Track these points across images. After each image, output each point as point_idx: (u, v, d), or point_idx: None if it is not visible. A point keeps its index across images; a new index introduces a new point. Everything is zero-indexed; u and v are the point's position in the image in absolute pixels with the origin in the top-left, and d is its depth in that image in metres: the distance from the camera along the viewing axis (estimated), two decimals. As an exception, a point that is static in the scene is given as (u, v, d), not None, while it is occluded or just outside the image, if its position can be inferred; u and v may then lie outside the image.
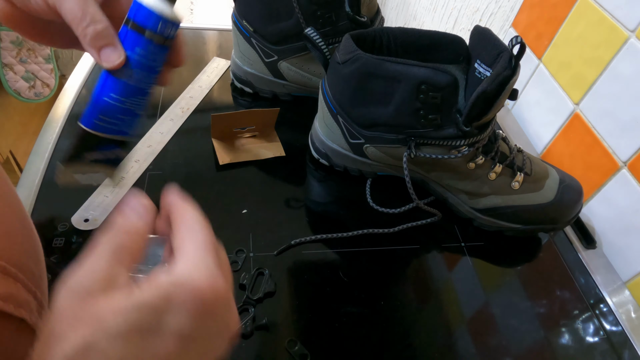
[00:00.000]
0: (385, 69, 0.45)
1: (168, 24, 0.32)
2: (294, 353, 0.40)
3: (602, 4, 0.54)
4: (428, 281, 0.47)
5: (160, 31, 0.32)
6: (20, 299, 0.24)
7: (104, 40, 0.30)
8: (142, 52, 0.32)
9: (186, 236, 0.25)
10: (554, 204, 0.50)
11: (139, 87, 0.33)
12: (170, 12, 0.32)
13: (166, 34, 0.32)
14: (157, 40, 0.32)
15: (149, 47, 0.32)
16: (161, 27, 0.31)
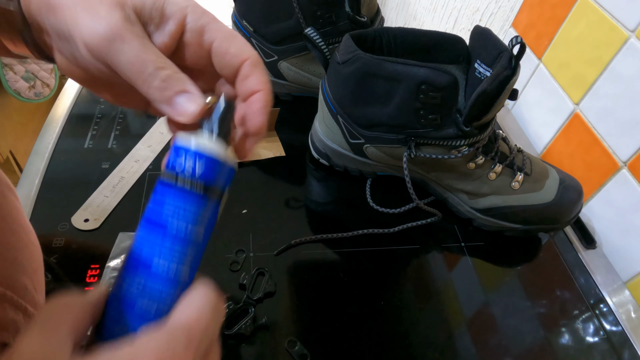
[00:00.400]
0: (385, 69, 0.45)
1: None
2: (294, 353, 0.40)
3: (602, 4, 0.54)
4: (428, 281, 0.47)
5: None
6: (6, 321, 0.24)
7: (174, 88, 0.25)
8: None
9: (182, 307, 0.23)
10: (554, 204, 0.50)
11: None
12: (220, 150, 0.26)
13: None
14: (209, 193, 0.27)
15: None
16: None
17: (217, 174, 0.27)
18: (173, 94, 0.25)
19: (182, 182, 0.26)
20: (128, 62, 0.24)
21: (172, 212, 0.26)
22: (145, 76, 0.24)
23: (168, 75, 0.25)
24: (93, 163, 0.53)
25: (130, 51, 0.24)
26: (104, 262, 0.43)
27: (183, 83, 0.25)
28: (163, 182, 0.26)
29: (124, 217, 0.48)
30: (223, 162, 0.27)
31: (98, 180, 0.51)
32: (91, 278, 0.42)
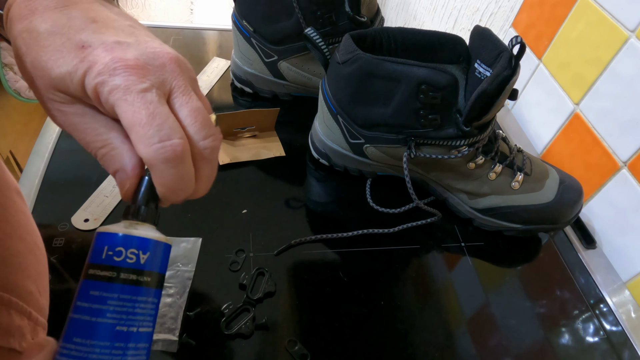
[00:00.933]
0: (385, 69, 0.45)
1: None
2: (294, 353, 0.40)
3: (602, 4, 0.54)
4: (428, 281, 0.47)
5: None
6: (12, 328, 0.24)
7: (111, 167, 0.27)
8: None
9: None
10: (554, 204, 0.50)
11: None
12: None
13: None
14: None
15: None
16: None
17: (163, 258, 0.28)
18: (112, 172, 0.27)
19: (127, 275, 0.26)
20: (80, 140, 0.26)
21: (121, 307, 0.25)
22: (92, 152, 0.27)
23: (103, 154, 0.26)
24: (93, 163, 0.53)
25: (75, 130, 0.26)
26: (104, 262, 0.43)
27: (118, 160, 0.26)
28: (98, 278, 0.26)
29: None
30: (164, 243, 0.28)
31: (98, 180, 0.51)
32: (91, 278, 0.42)
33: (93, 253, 0.27)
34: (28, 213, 0.30)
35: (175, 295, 0.41)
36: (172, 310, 0.40)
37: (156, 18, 1.72)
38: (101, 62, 0.25)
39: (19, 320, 0.25)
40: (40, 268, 0.29)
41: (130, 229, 0.27)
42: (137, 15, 1.69)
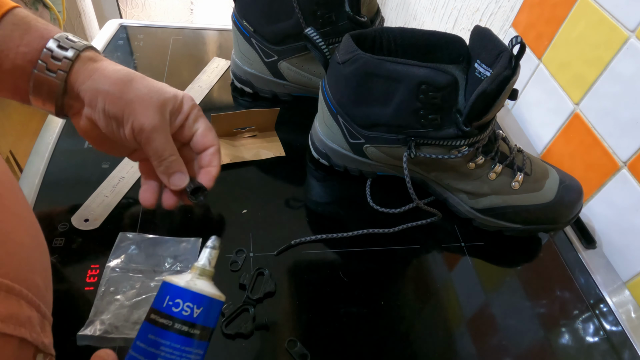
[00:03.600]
0: (385, 69, 0.45)
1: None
2: (294, 353, 0.40)
3: (602, 4, 0.54)
4: (428, 281, 0.47)
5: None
6: (22, 317, 0.24)
7: (174, 168, 0.41)
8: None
9: None
10: (554, 204, 0.50)
11: None
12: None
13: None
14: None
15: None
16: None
17: (214, 313, 0.32)
18: (173, 172, 0.41)
19: (180, 326, 0.30)
20: (156, 147, 0.39)
21: (170, 355, 0.29)
22: (160, 158, 0.40)
23: (173, 160, 0.41)
24: (93, 163, 0.53)
25: (160, 141, 0.39)
26: (104, 262, 0.43)
27: (180, 166, 0.41)
28: (156, 323, 0.30)
29: (124, 217, 0.48)
30: (217, 300, 0.32)
31: (98, 180, 0.51)
32: (91, 278, 0.42)
33: (157, 298, 0.31)
34: (30, 209, 0.31)
35: (175, 295, 0.41)
36: (172, 310, 0.40)
37: (156, 18, 1.72)
38: (186, 94, 0.43)
39: (28, 311, 0.25)
40: (45, 263, 0.29)
41: (191, 282, 0.31)
42: (137, 16, 1.69)
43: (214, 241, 0.35)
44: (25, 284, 0.25)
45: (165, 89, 0.40)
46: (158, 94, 0.39)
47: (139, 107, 0.38)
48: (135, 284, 0.41)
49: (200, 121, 0.43)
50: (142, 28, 0.80)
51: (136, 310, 0.39)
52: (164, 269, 0.43)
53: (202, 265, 0.33)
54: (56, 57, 0.37)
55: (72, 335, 0.37)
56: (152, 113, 0.38)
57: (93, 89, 0.38)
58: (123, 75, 0.38)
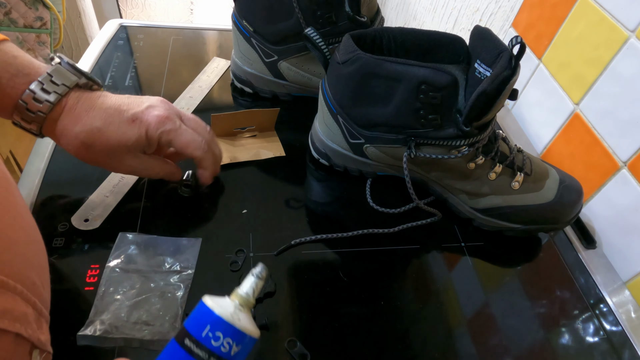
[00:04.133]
0: (385, 69, 0.45)
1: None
2: (294, 353, 0.40)
3: (602, 4, 0.54)
4: (428, 281, 0.47)
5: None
6: (17, 313, 0.24)
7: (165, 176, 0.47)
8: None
9: None
10: (554, 204, 0.50)
11: None
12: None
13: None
14: None
15: None
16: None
17: (247, 351, 0.31)
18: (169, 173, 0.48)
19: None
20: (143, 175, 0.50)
21: None
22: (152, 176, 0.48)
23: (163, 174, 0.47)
24: (93, 163, 0.53)
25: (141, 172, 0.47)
26: (104, 262, 0.43)
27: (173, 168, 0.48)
28: (191, 352, 0.28)
29: (124, 217, 0.48)
30: (255, 339, 0.31)
31: (98, 180, 0.51)
32: (91, 278, 0.42)
33: (194, 322, 0.30)
34: (27, 207, 0.31)
35: (175, 295, 0.41)
36: (172, 310, 0.40)
37: (156, 18, 1.72)
38: (152, 122, 0.42)
39: (24, 307, 0.25)
40: (41, 261, 0.29)
41: (235, 316, 0.30)
42: (137, 16, 1.69)
43: (262, 271, 0.33)
44: (21, 281, 0.25)
45: (127, 133, 0.41)
46: (120, 146, 0.41)
47: (110, 164, 0.43)
48: (135, 284, 0.41)
49: (173, 142, 0.44)
50: (142, 28, 0.80)
51: (136, 310, 0.39)
52: (164, 269, 0.43)
53: (245, 295, 0.32)
54: (38, 99, 0.39)
55: (72, 335, 0.37)
56: (120, 163, 0.43)
57: (63, 145, 0.42)
58: (84, 139, 0.40)
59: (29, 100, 0.38)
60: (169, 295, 0.41)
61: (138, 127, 0.41)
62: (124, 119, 0.41)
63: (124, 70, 0.69)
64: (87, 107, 0.40)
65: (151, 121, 0.42)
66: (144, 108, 0.42)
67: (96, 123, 0.40)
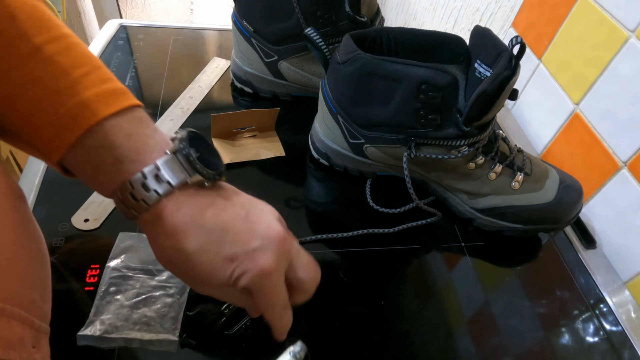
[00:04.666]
0: (385, 69, 0.45)
1: None
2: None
3: (602, 4, 0.54)
4: (428, 281, 0.47)
5: None
6: (12, 339, 0.24)
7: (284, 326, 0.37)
8: None
9: None
10: (554, 204, 0.50)
11: None
12: None
13: None
14: None
15: None
16: None
17: None
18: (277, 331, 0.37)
19: None
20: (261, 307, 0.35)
21: None
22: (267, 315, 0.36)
23: (283, 323, 0.37)
24: (93, 163, 0.53)
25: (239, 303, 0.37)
26: (104, 262, 0.43)
27: (288, 324, 0.37)
28: None
29: (124, 217, 0.48)
30: None
31: (98, 180, 0.51)
32: (91, 278, 0.42)
33: None
34: (32, 219, 0.30)
35: (175, 295, 0.41)
36: (172, 310, 0.40)
37: (156, 18, 1.72)
38: (249, 273, 0.32)
39: (20, 330, 0.25)
40: (44, 275, 0.29)
41: None
42: (137, 16, 1.69)
43: (300, 351, 0.31)
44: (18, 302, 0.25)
45: (216, 271, 0.32)
46: (203, 278, 0.32)
47: (185, 279, 0.34)
48: (135, 284, 0.41)
49: (257, 299, 0.34)
50: (142, 28, 0.80)
51: (136, 310, 0.39)
52: (163, 269, 0.43)
53: None
54: (135, 196, 0.31)
55: (72, 335, 0.37)
56: (197, 286, 0.34)
57: (150, 243, 0.33)
58: (169, 256, 0.33)
59: (126, 195, 0.31)
60: (169, 296, 0.41)
61: (232, 270, 0.32)
62: (222, 255, 0.32)
63: (124, 70, 0.69)
64: (188, 219, 0.32)
65: (249, 272, 0.32)
66: (250, 250, 0.33)
67: (189, 245, 0.31)
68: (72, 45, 0.30)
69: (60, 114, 0.28)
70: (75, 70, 0.29)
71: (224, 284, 0.32)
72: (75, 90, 0.29)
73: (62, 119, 0.29)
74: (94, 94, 0.29)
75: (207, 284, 0.33)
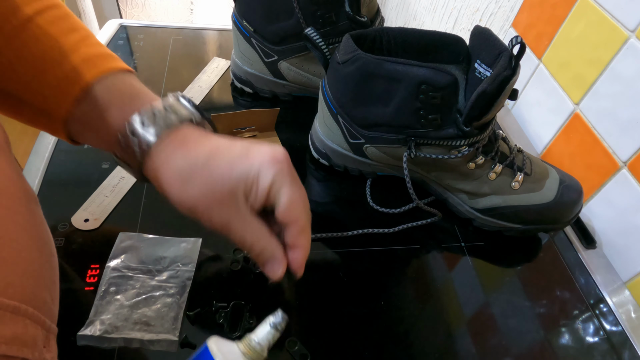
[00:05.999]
0: (385, 69, 0.45)
1: None
2: (294, 353, 0.40)
3: (602, 4, 0.54)
4: (428, 281, 0.47)
5: None
6: (26, 338, 0.25)
7: (264, 259, 0.35)
8: None
9: None
10: (554, 204, 0.50)
11: None
12: None
13: None
14: None
15: None
16: None
17: None
18: (263, 262, 0.35)
19: None
20: (236, 239, 0.34)
21: None
22: (247, 249, 0.35)
23: (259, 249, 0.34)
24: (93, 163, 0.53)
25: (236, 233, 0.34)
26: (104, 262, 0.43)
27: (269, 254, 0.35)
28: None
29: (124, 217, 0.48)
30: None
31: (98, 180, 0.51)
32: (91, 278, 0.42)
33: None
34: (44, 221, 0.31)
35: (175, 295, 0.41)
36: (172, 310, 0.40)
37: (156, 18, 1.72)
38: (266, 158, 0.34)
39: (33, 330, 0.25)
40: (54, 276, 0.30)
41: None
42: (137, 16, 1.69)
43: (280, 322, 0.30)
44: (32, 302, 0.25)
45: (233, 168, 0.33)
46: (222, 182, 0.33)
47: (205, 208, 0.34)
48: (135, 284, 0.41)
49: (282, 192, 0.34)
50: (142, 28, 0.80)
51: (136, 310, 0.39)
52: (164, 269, 0.43)
53: (257, 346, 0.29)
54: (138, 134, 0.34)
55: (72, 335, 0.37)
56: (219, 210, 0.34)
57: (160, 184, 0.35)
58: (182, 170, 0.34)
59: (129, 132, 0.34)
60: (169, 295, 0.41)
61: (250, 162, 0.34)
62: (235, 153, 0.34)
63: (124, 70, 0.69)
64: (196, 138, 0.35)
65: (266, 158, 0.34)
66: (261, 147, 0.35)
67: (201, 154, 0.34)
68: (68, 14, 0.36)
69: (67, 70, 0.33)
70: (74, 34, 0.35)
71: (244, 186, 0.33)
72: (79, 48, 0.34)
73: (70, 74, 0.32)
74: (96, 53, 0.34)
75: (225, 193, 0.33)
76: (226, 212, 0.33)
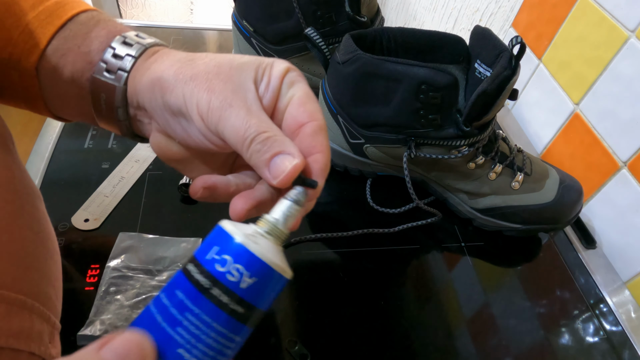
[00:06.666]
0: (385, 69, 0.45)
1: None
2: (294, 353, 0.40)
3: (602, 4, 0.54)
4: (428, 281, 0.47)
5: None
6: (33, 332, 0.25)
7: (271, 150, 0.26)
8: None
9: None
10: (554, 204, 0.50)
11: None
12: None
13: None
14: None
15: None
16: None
17: (271, 291, 0.23)
18: (270, 156, 0.26)
19: (219, 294, 0.21)
20: (233, 127, 0.26)
21: (195, 329, 0.21)
22: (247, 140, 0.25)
23: (267, 137, 0.26)
24: (93, 163, 0.53)
25: (237, 116, 0.26)
26: (104, 262, 0.43)
27: (282, 144, 0.26)
28: (190, 278, 0.21)
29: (124, 217, 0.48)
30: (280, 275, 0.23)
31: (98, 180, 0.51)
32: (91, 278, 0.42)
33: (203, 245, 0.22)
34: (48, 218, 0.31)
35: (175, 295, 0.41)
36: (172, 310, 0.40)
37: (156, 18, 1.72)
38: (276, 60, 0.28)
39: (39, 324, 0.25)
40: (57, 273, 0.30)
41: (251, 238, 0.22)
42: (137, 16, 1.68)
43: (299, 194, 0.25)
44: (39, 298, 0.26)
45: (243, 58, 0.29)
46: (230, 63, 0.28)
47: (202, 82, 0.27)
48: (135, 284, 0.41)
49: (297, 86, 0.29)
50: (142, 28, 0.80)
51: (136, 310, 0.39)
52: (164, 269, 0.43)
53: (273, 221, 0.24)
54: (118, 55, 0.30)
55: (72, 335, 0.37)
56: (221, 84, 0.27)
57: (149, 82, 0.29)
58: (182, 57, 0.29)
59: (109, 59, 0.30)
60: (169, 295, 0.41)
61: (260, 58, 0.29)
62: (241, 60, 0.29)
63: (124, 70, 0.69)
64: (181, 52, 0.31)
65: (278, 60, 0.29)
66: (262, 58, 0.30)
67: (197, 54, 0.30)
68: None
69: (39, 11, 0.30)
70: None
71: (255, 69, 0.28)
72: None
73: (40, 15, 0.30)
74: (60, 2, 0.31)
75: (234, 77, 0.27)
76: (227, 89, 0.27)
